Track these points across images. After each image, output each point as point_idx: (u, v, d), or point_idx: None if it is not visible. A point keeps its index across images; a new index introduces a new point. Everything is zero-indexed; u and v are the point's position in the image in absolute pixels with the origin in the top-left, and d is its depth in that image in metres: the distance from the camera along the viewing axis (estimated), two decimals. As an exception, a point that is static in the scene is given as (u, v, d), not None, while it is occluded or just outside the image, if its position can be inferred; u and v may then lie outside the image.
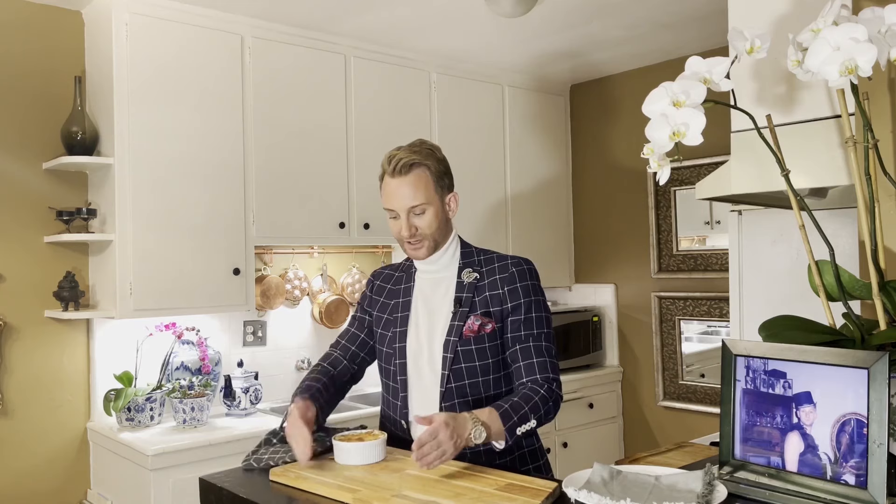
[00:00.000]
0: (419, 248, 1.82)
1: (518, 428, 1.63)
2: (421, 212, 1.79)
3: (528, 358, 1.76)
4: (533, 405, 1.67)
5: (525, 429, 1.65)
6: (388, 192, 1.80)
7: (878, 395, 1.13)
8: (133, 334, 3.02)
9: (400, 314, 1.88)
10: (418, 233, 1.80)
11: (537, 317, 1.80)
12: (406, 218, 1.78)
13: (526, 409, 1.65)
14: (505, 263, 1.83)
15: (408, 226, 1.79)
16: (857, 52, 1.14)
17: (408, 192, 1.77)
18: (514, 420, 1.63)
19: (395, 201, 1.79)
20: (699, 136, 1.24)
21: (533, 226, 4.21)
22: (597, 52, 3.83)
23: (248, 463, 1.70)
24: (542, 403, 1.69)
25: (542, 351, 1.77)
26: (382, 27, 3.32)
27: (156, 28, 2.90)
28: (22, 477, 2.87)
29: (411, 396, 1.84)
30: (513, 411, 1.64)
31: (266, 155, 3.17)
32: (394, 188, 1.79)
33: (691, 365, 3.95)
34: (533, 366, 1.75)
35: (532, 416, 1.66)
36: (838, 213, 2.10)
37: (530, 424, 1.66)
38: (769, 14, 1.62)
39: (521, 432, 1.65)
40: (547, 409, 1.70)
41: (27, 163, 2.91)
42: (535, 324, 1.79)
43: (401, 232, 1.81)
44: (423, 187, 1.78)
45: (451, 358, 1.77)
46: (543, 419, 1.70)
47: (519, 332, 1.78)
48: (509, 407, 1.64)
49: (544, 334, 1.79)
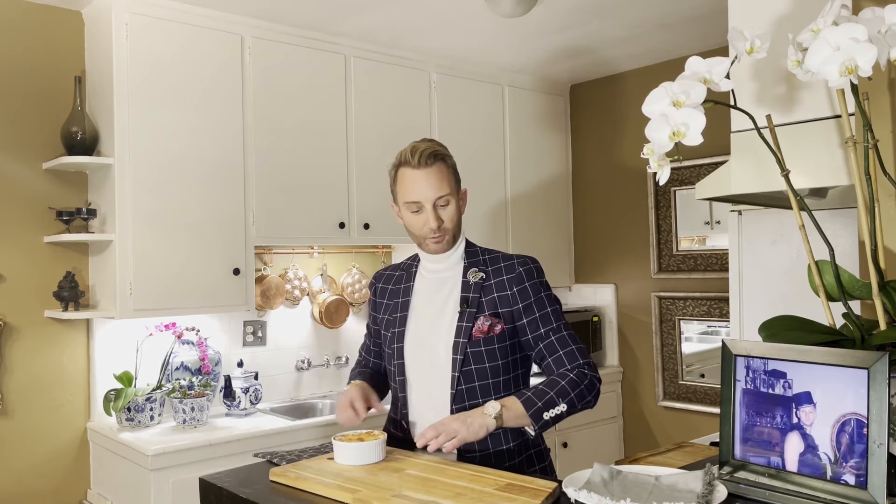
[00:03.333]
0: (441, 241, 1.79)
1: (545, 413, 1.61)
2: (445, 203, 1.77)
3: (555, 352, 1.75)
4: (560, 389, 1.64)
5: (554, 413, 1.62)
6: (412, 185, 1.76)
7: (878, 395, 1.13)
8: (133, 334, 3.02)
9: (399, 314, 1.88)
10: (443, 225, 1.77)
11: (552, 310, 1.79)
12: (432, 209, 1.75)
13: (552, 394, 1.63)
14: (511, 263, 1.82)
15: (435, 217, 1.75)
16: (857, 52, 1.14)
17: (434, 183, 1.75)
18: (539, 405, 1.60)
19: (422, 192, 1.75)
20: (699, 136, 1.23)
21: (533, 226, 4.21)
22: (597, 52, 3.83)
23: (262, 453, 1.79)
24: (570, 387, 1.66)
25: (567, 340, 1.76)
26: (382, 27, 3.32)
27: (156, 28, 2.90)
28: (22, 477, 2.87)
29: (410, 397, 1.84)
30: (536, 397, 1.62)
31: (266, 155, 3.17)
32: (419, 179, 1.75)
33: (691, 365, 3.95)
34: (561, 358, 1.74)
35: (561, 401, 1.63)
36: (838, 213, 2.10)
37: (559, 409, 1.62)
38: (769, 14, 1.62)
39: (551, 417, 1.62)
40: (579, 392, 1.67)
41: (27, 163, 2.91)
42: (553, 317, 1.78)
43: (426, 225, 1.76)
44: (446, 179, 1.77)
45: (460, 360, 1.76)
46: (577, 403, 1.66)
47: (538, 329, 1.77)
48: (532, 394, 1.62)
49: (563, 325, 1.78)
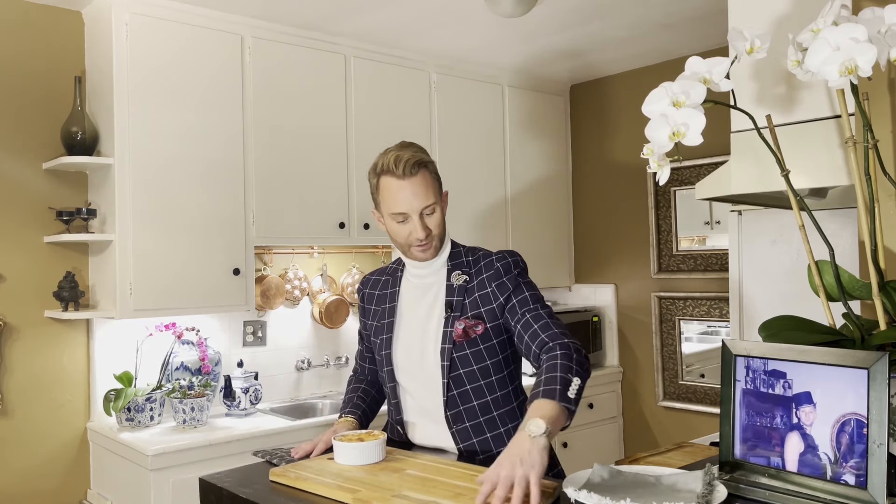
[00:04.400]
0: (429, 249, 1.77)
1: (567, 391, 1.49)
2: (431, 211, 1.74)
3: (529, 327, 1.69)
4: (563, 368, 1.54)
5: (575, 388, 1.51)
6: (397, 195, 1.71)
7: (878, 395, 1.13)
8: (133, 334, 3.02)
9: (386, 320, 1.86)
10: (430, 234, 1.75)
11: (530, 294, 1.75)
12: (419, 219, 1.72)
13: (559, 375, 1.52)
14: (490, 260, 1.79)
15: (423, 227, 1.72)
16: (857, 52, 1.14)
17: (420, 192, 1.71)
18: (559, 389, 1.49)
19: (408, 203, 1.71)
20: (699, 136, 1.23)
21: (533, 226, 4.21)
22: (597, 52, 3.83)
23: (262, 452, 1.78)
24: (568, 362, 1.55)
25: (541, 316, 1.70)
26: (382, 27, 3.32)
27: (156, 28, 2.90)
28: (22, 477, 2.87)
29: (404, 402, 1.84)
30: (551, 385, 1.50)
31: (266, 155, 3.17)
32: (404, 189, 1.70)
33: (691, 365, 3.95)
34: (536, 332, 1.67)
35: (571, 376, 1.52)
36: (838, 213, 2.10)
37: (576, 382, 1.52)
38: (769, 14, 1.62)
39: (574, 393, 1.50)
40: (579, 360, 1.58)
41: (27, 163, 2.91)
42: (531, 300, 1.73)
43: (412, 235, 1.73)
44: (430, 186, 1.74)
45: (447, 366, 1.74)
46: (583, 373, 1.56)
47: (516, 313, 1.72)
48: (544, 386, 1.51)
49: (540, 306, 1.73)
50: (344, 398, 1.99)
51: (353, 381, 2.03)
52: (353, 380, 2.05)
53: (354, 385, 2.01)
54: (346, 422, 1.85)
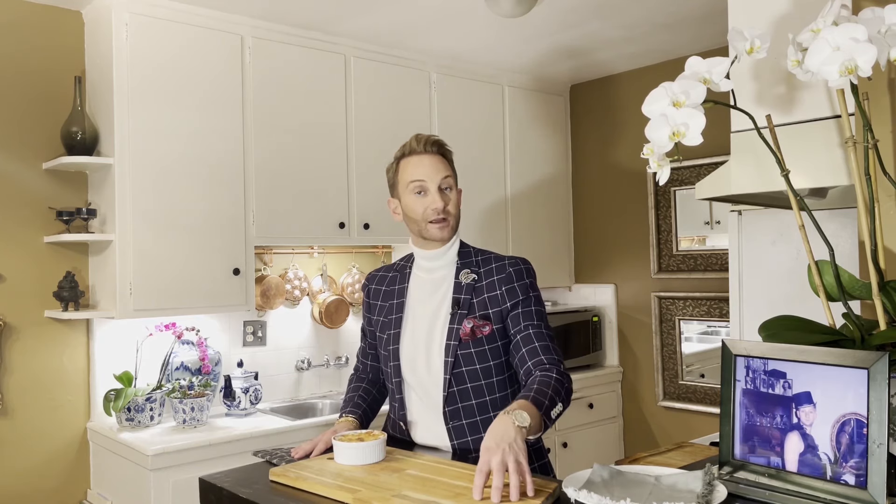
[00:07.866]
0: (446, 227, 1.80)
1: (551, 411, 1.58)
2: (448, 187, 1.81)
3: (530, 343, 1.73)
4: (554, 389, 1.61)
5: (557, 411, 1.60)
6: (417, 166, 1.79)
7: (878, 395, 1.13)
8: (133, 334, 3.02)
9: (394, 316, 1.87)
10: (447, 207, 1.79)
11: (536, 310, 1.79)
12: (437, 191, 1.78)
13: (551, 393, 1.60)
14: (502, 264, 1.82)
15: (441, 197, 1.78)
16: (857, 52, 1.14)
17: (440, 166, 1.80)
18: (546, 404, 1.57)
19: (427, 172, 1.78)
20: (699, 136, 1.23)
21: (533, 226, 4.21)
22: (597, 52, 3.83)
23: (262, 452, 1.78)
24: (560, 387, 1.64)
25: (544, 336, 1.75)
26: (382, 27, 3.32)
27: (156, 28, 2.90)
28: (22, 477, 2.87)
29: (409, 398, 1.84)
30: (541, 397, 1.57)
31: (266, 155, 3.17)
32: (423, 161, 1.80)
33: (691, 365, 3.95)
34: (536, 349, 1.72)
35: (558, 399, 1.61)
36: (838, 213, 2.10)
37: (559, 408, 1.60)
38: (769, 14, 1.62)
39: (555, 415, 1.59)
40: (567, 390, 1.66)
41: (27, 163, 2.91)
42: (535, 315, 1.78)
43: (430, 206, 1.78)
44: (449, 168, 1.83)
45: (451, 362, 1.76)
46: (566, 401, 1.65)
47: (518, 324, 1.76)
48: (535, 394, 1.57)
49: (543, 324, 1.78)
50: (344, 397, 2.00)
51: (354, 381, 2.03)
52: (353, 378, 2.05)
53: (355, 384, 2.01)
54: (346, 421, 1.85)
